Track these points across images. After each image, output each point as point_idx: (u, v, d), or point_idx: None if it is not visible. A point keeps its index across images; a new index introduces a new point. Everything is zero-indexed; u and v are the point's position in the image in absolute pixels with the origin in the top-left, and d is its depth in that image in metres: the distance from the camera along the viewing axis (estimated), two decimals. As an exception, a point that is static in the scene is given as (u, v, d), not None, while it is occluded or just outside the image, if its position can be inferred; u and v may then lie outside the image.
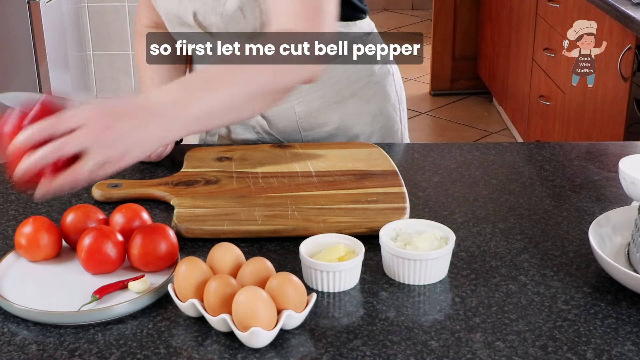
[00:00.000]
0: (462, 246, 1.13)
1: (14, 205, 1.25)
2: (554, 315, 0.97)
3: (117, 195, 1.25)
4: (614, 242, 1.09)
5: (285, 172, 1.31)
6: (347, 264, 1.02)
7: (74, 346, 0.92)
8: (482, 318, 0.97)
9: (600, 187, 1.32)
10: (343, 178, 1.29)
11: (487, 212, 1.23)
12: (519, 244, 1.14)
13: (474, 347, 0.91)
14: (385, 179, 1.28)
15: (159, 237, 1.04)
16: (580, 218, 1.21)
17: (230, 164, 1.34)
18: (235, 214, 1.18)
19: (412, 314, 0.98)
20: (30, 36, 3.36)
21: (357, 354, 0.90)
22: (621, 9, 2.39)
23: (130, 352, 0.91)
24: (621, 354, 0.90)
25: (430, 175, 1.36)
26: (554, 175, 1.37)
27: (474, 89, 4.77)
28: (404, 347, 0.91)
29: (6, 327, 0.96)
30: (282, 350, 0.91)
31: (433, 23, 4.65)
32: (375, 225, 1.13)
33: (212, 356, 0.90)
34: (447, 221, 1.18)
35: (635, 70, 2.37)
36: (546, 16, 3.37)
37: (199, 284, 0.95)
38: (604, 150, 1.48)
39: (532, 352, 0.90)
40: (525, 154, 1.46)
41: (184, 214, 1.17)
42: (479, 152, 1.46)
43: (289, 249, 1.12)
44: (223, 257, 1.01)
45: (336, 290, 1.02)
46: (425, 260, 1.03)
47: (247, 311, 0.89)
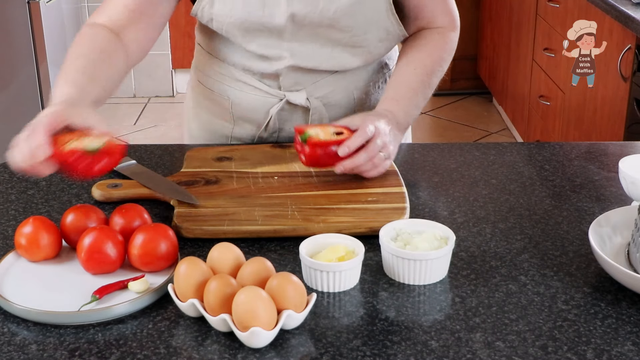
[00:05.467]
0: (462, 246, 1.13)
1: (14, 205, 1.25)
2: (554, 315, 0.97)
3: (117, 195, 1.25)
4: (614, 242, 1.09)
5: (285, 172, 1.31)
6: (347, 264, 1.02)
7: (74, 346, 0.92)
8: (482, 318, 0.97)
9: (600, 187, 1.32)
10: (343, 178, 1.29)
11: (487, 212, 1.23)
12: (519, 244, 1.14)
13: (474, 347, 0.91)
14: (385, 179, 1.28)
15: (159, 237, 1.04)
16: (580, 218, 1.21)
17: (230, 164, 1.34)
18: (235, 214, 1.18)
19: (412, 314, 0.98)
20: (30, 36, 3.36)
21: (357, 354, 0.90)
22: (621, 9, 2.39)
23: (130, 352, 0.91)
24: (621, 354, 0.90)
25: (430, 175, 1.36)
26: (554, 175, 1.37)
27: (474, 89, 4.77)
28: (404, 347, 0.91)
29: (6, 327, 0.96)
30: (282, 350, 0.91)
31: (433, 23, 4.64)
32: (375, 225, 1.13)
33: (212, 356, 0.90)
34: (447, 221, 1.18)
35: (635, 70, 2.37)
36: (546, 16, 3.37)
37: (199, 284, 0.95)
38: (604, 150, 1.48)
39: (532, 352, 0.90)
40: (525, 154, 1.46)
41: (184, 214, 1.17)
42: (479, 152, 1.46)
43: (289, 249, 1.12)
44: (223, 257, 1.01)
45: (336, 290, 1.02)
46: (425, 260, 1.03)
47: (247, 311, 0.89)
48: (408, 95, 1.38)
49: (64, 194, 1.29)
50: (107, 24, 1.35)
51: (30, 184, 1.32)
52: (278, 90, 1.45)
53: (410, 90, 1.39)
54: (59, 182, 1.32)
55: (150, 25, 1.38)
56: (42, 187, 1.31)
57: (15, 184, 1.32)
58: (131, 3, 1.35)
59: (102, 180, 1.29)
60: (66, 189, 1.30)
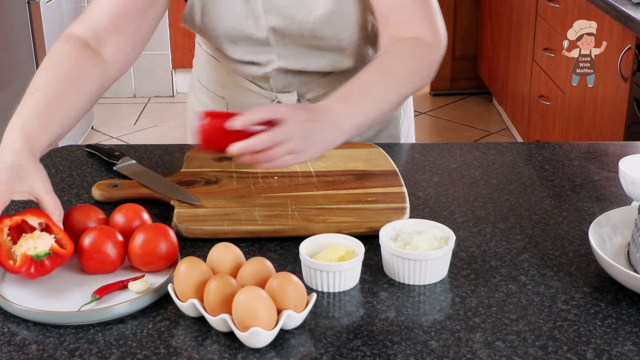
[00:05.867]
0: (462, 246, 1.13)
1: (14, 205, 1.25)
2: (554, 315, 0.97)
3: (117, 195, 1.25)
4: (614, 242, 1.09)
5: (285, 172, 1.31)
6: (347, 264, 1.02)
7: (74, 346, 0.92)
8: (482, 318, 0.97)
9: (600, 187, 1.32)
10: (343, 178, 1.29)
11: (487, 212, 1.23)
12: (519, 244, 1.14)
13: (474, 347, 0.91)
14: (385, 179, 1.28)
15: (159, 237, 1.04)
16: (580, 218, 1.21)
17: (230, 164, 1.34)
18: (235, 214, 1.18)
19: (412, 314, 0.98)
20: (30, 36, 3.36)
21: (357, 354, 0.90)
22: (621, 9, 2.39)
23: (130, 352, 0.91)
24: (621, 354, 0.90)
25: (430, 175, 1.36)
26: (554, 175, 1.37)
27: (474, 89, 4.77)
28: (404, 347, 0.91)
29: (6, 327, 0.96)
30: (282, 350, 0.91)
31: (433, 23, 4.64)
32: (375, 225, 1.13)
33: (212, 356, 0.90)
34: (447, 221, 1.18)
35: (635, 70, 2.37)
36: (546, 16, 3.37)
37: (199, 284, 0.95)
38: (604, 150, 1.48)
39: (532, 352, 0.90)
40: (525, 154, 1.46)
41: (184, 214, 1.17)
42: (479, 152, 1.46)
43: (289, 249, 1.12)
44: (223, 257, 1.01)
45: (336, 290, 1.02)
46: (425, 260, 1.03)
47: (247, 311, 0.89)
48: (358, 96, 1.20)
49: (64, 194, 1.29)
50: (86, 35, 1.26)
51: (30, 184, 1.32)
52: (270, 91, 1.45)
53: (363, 92, 1.22)
54: (59, 182, 1.32)
55: (136, 33, 1.30)
56: (42, 187, 1.31)
57: (15, 184, 1.32)
58: (113, 8, 1.27)
59: (102, 180, 1.29)
60: (66, 189, 1.30)
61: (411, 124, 1.62)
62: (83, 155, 1.43)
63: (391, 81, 1.25)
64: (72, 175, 1.35)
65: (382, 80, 1.24)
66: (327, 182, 1.28)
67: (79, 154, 1.44)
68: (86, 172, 1.37)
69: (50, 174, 1.35)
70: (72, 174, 1.36)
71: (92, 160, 1.41)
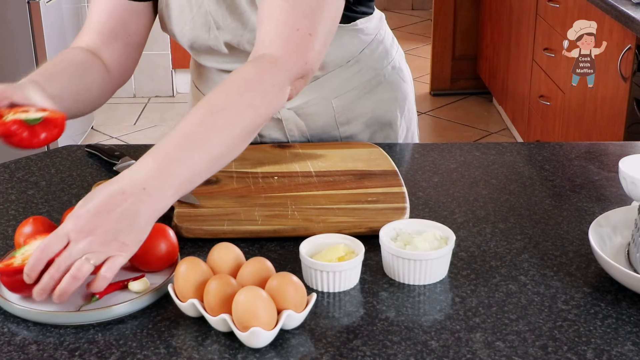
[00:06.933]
0: (462, 246, 1.13)
1: (14, 205, 1.25)
2: (554, 315, 0.97)
3: (117, 195, 1.25)
4: (614, 242, 1.09)
5: (285, 172, 1.31)
6: (347, 264, 1.02)
7: (74, 346, 0.92)
8: (482, 318, 0.97)
9: (600, 187, 1.32)
10: (343, 178, 1.29)
11: (487, 212, 1.23)
12: (519, 244, 1.14)
13: (474, 347, 0.91)
14: (385, 179, 1.28)
15: (159, 237, 1.04)
16: (580, 218, 1.21)
17: (230, 163, 1.34)
18: (235, 214, 1.18)
19: (412, 314, 0.98)
20: (30, 36, 3.36)
21: (357, 354, 0.90)
22: (621, 9, 2.39)
23: (130, 352, 0.91)
24: (621, 354, 0.90)
25: (430, 175, 1.36)
26: (554, 175, 1.37)
27: (474, 89, 4.77)
28: (404, 347, 0.91)
29: (6, 327, 0.96)
30: (282, 350, 0.91)
31: (433, 23, 4.65)
32: (375, 225, 1.13)
33: (212, 356, 0.90)
34: (447, 221, 1.18)
35: (635, 70, 2.37)
36: (546, 16, 3.37)
37: (199, 284, 0.95)
38: (604, 150, 1.48)
39: (532, 352, 0.90)
40: (525, 154, 1.46)
41: (184, 214, 1.17)
42: (479, 152, 1.46)
43: (289, 249, 1.12)
44: (223, 257, 1.01)
45: (336, 290, 1.02)
46: (425, 260, 1.03)
47: (247, 311, 0.89)
48: (174, 149, 1.03)
49: (64, 194, 1.29)
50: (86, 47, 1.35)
51: (30, 184, 1.32)
52: None
53: (180, 140, 1.04)
54: (59, 182, 1.32)
55: (126, 45, 1.37)
56: (42, 187, 1.31)
57: (15, 184, 1.32)
58: (99, 26, 1.35)
59: (102, 180, 1.29)
60: (66, 189, 1.30)
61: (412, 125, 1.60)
62: (83, 155, 1.43)
63: (210, 117, 1.06)
64: (72, 175, 1.35)
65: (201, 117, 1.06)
66: (327, 182, 1.28)
67: (79, 154, 1.44)
68: (86, 172, 1.37)
69: (50, 174, 1.35)
70: (72, 174, 1.36)
71: (92, 160, 1.41)
